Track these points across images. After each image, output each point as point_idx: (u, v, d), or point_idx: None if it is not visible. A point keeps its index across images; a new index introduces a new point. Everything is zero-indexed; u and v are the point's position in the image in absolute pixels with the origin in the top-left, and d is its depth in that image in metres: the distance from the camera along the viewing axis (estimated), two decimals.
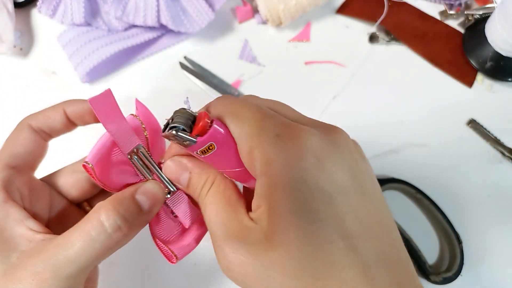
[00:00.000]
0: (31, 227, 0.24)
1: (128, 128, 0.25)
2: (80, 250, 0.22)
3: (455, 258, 0.38)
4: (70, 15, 0.44)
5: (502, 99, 0.44)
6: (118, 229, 0.23)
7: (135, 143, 0.26)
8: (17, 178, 0.26)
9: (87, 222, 0.23)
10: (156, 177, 0.26)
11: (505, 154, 0.42)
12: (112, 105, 0.25)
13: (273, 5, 0.44)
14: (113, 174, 0.25)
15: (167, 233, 0.27)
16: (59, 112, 0.28)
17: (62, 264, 0.22)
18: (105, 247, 0.23)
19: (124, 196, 0.24)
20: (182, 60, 0.46)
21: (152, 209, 0.25)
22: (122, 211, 0.23)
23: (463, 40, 0.46)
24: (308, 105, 0.44)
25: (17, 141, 0.27)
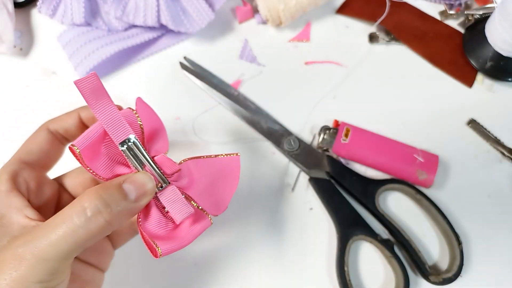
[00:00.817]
0: (28, 215, 0.25)
1: (119, 117, 0.25)
2: (61, 234, 0.22)
3: (454, 259, 0.38)
4: (70, 15, 0.44)
5: (502, 99, 0.44)
6: (99, 213, 0.23)
7: (127, 133, 0.25)
8: (27, 172, 0.27)
9: (71, 206, 0.24)
10: (148, 170, 0.26)
11: (505, 154, 0.42)
12: (100, 90, 0.25)
13: (273, 5, 0.44)
14: (105, 163, 0.26)
15: (155, 228, 0.26)
16: (74, 116, 0.30)
17: (43, 247, 0.22)
18: (86, 232, 0.23)
19: (111, 183, 0.25)
20: (182, 60, 0.46)
21: (139, 199, 0.25)
22: (104, 196, 0.24)
23: (463, 40, 0.46)
24: (308, 105, 0.44)
25: (34, 140, 0.29)
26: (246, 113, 0.43)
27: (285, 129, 0.43)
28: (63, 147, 0.31)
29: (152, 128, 0.28)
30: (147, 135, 0.27)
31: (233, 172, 0.29)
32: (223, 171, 0.29)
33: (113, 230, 0.24)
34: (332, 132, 0.41)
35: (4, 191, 0.26)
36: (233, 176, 0.29)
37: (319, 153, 0.42)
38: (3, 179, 0.26)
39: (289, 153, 0.42)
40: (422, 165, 0.40)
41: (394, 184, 0.40)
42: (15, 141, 0.44)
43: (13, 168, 0.27)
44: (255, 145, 0.43)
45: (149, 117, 0.28)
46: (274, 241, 0.40)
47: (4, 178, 0.26)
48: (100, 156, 0.25)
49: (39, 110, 0.45)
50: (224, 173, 0.29)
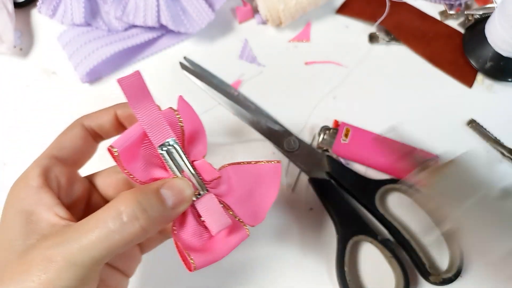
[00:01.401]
0: (58, 213, 0.24)
1: (160, 118, 0.24)
2: (94, 239, 0.21)
3: (455, 259, 0.38)
4: (70, 15, 0.44)
5: (502, 99, 0.44)
6: (135, 219, 0.22)
7: (167, 135, 0.24)
8: (58, 168, 0.26)
9: (106, 209, 0.22)
10: (186, 176, 0.25)
11: (505, 154, 0.42)
12: (142, 89, 0.24)
13: (273, 5, 0.44)
14: (142, 165, 0.24)
15: (190, 238, 0.25)
16: (110, 113, 0.29)
17: (74, 251, 0.21)
18: (121, 237, 0.22)
19: (148, 188, 0.23)
20: (182, 60, 0.46)
21: (176, 206, 0.24)
22: (142, 201, 0.22)
23: (463, 40, 0.46)
24: (308, 105, 0.44)
25: (67, 136, 0.28)
26: (246, 113, 0.43)
27: (285, 129, 0.43)
28: (96, 144, 0.30)
29: (193, 130, 0.27)
30: (187, 137, 0.26)
31: (273, 180, 0.28)
32: (263, 179, 0.28)
33: (147, 237, 0.23)
34: (332, 132, 0.41)
35: (34, 187, 0.25)
36: (273, 184, 0.28)
37: (319, 153, 0.42)
38: (34, 174, 0.25)
39: (289, 153, 0.42)
40: None
41: (394, 184, 0.40)
42: (15, 141, 0.44)
43: (44, 163, 0.26)
44: (255, 145, 0.43)
45: (190, 117, 0.27)
46: (274, 241, 0.40)
47: (35, 173, 0.25)
48: (138, 158, 0.24)
49: (39, 110, 0.45)
50: (263, 181, 0.28)
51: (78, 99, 0.45)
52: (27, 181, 0.25)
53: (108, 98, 0.45)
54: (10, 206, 0.25)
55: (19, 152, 0.43)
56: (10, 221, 0.24)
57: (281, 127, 0.43)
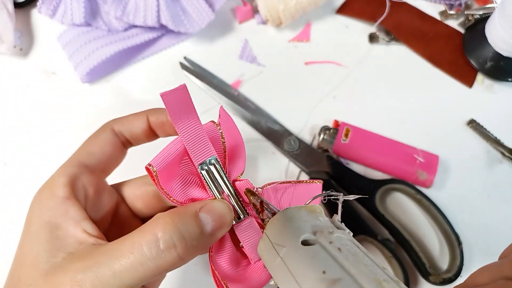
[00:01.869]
0: (86, 229, 0.23)
1: (203, 135, 0.23)
2: (128, 265, 0.20)
3: (455, 259, 0.38)
4: (70, 15, 0.44)
5: (502, 99, 0.44)
6: (173, 247, 0.20)
7: (209, 154, 0.23)
8: (86, 177, 0.25)
9: (141, 233, 0.21)
10: (226, 197, 0.23)
11: (505, 154, 0.42)
12: (187, 104, 0.22)
13: (273, 5, 0.44)
14: (179, 184, 0.23)
15: (227, 265, 0.23)
16: (142, 118, 0.27)
17: (105, 277, 0.20)
18: (156, 266, 0.20)
19: (187, 211, 0.22)
20: (182, 60, 0.46)
21: (215, 232, 0.22)
22: (181, 227, 0.21)
23: (463, 40, 0.46)
24: (308, 105, 0.44)
25: (96, 141, 0.26)
26: (246, 113, 0.43)
27: (285, 129, 0.43)
28: (125, 151, 0.28)
29: (233, 145, 0.25)
30: (228, 153, 0.24)
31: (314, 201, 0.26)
32: (303, 199, 0.26)
33: (183, 265, 0.22)
34: (332, 132, 0.41)
35: (61, 197, 0.23)
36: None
37: (319, 153, 0.42)
38: (60, 183, 0.23)
39: (289, 153, 0.42)
40: (422, 165, 0.40)
41: (394, 184, 0.40)
42: (15, 141, 0.44)
43: (72, 171, 0.24)
44: (255, 145, 0.43)
45: (231, 131, 0.25)
46: None
47: (62, 182, 0.23)
48: (175, 177, 0.23)
49: (39, 110, 0.45)
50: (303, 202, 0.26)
51: (78, 99, 0.45)
52: (52, 190, 0.23)
53: (108, 98, 0.45)
54: (34, 216, 0.23)
55: (19, 152, 0.43)
56: (34, 233, 0.23)
57: (281, 127, 0.43)
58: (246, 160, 0.43)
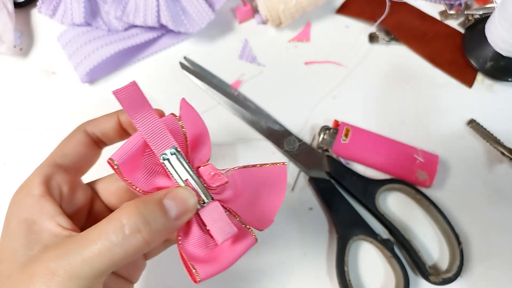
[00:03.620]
0: (60, 223, 0.24)
1: (161, 126, 0.24)
2: (96, 251, 0.21)
3: (454, 259, 0.38)
4: (70, 15, 0.44)
5: (502, 99, 0.44)
6: (137, 231, 0.22)
7: (169, 144, 0.24)
8: (60, 176, 0.26)
9: (108, 221, 0.22)
10: (190, 184, 0.24)
11: (505, 154, 0.42)
12: (140, 99, 0.24)
13: (273, 5, 0.44)
14: (144, 175, 0.24)
15: (195, 248, 0.24)
16: (113, 118, 0.28)
17: (77, 264, 0.21)
18: (123, 251, 0.21)
19: (151, 198, 0.23)
20: (182, 60, 0.46)
21: (179, 217, 0.23)
22: (145, 213, 0.22)
23: (463, 40, 0.46)
24: (308, 105, 0.44)
25: (69, 142, 0.28)
26: (246, 113, 0.43)
27: (285, 129, 0.43)
28: (99, 150, 0.29)
29: (196, 134, 0.26)
30: (191, 142, 0.25)
31: (280, 182, 0.27)
32: (269, 182, 0.27)
33: (150, 249, 0.23)
34: (332, 132, 0.41)
35: (36, 196, 0.25)
36: (280, 187, 0.27)
37: (319, 153, 0.42)
38: (35, 183, 0.25)
39: (289, 153, 0.42)
40: (422, 165, 0.40)
41: (394, 184, 0.40)
42: (15, 141, 0.44)
43: (46, 171, 0.26)
44: (255, 145, 0.43)
45: (193, 121, 0.26)
46: (274, 241, 0.40)
47: (37, 181, 0.25)
48: (140, 168, 0.24)
49: (39, 110, 0.45)
50: (270, 184, 0.27)
51: (78, 99, 0.45)
52: (28, 190, 0.25)
53: (108, 98, 0.45)
54: (12, 215, 0.25)
55: (19, 152, 0.43)
56: (12, 230, 0.24)
57: (281, 127, 0.43)
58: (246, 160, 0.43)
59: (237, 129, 0.44)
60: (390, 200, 0.41)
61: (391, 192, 0.41)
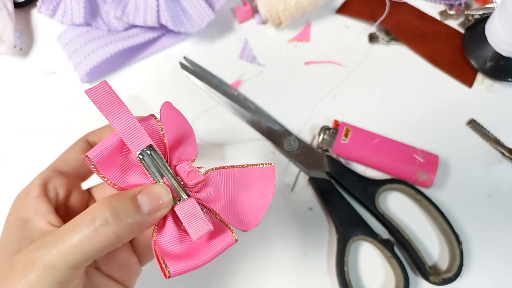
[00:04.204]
0: (50, 221, 0.25)
1: (136, 125, 0.24)
2: (69, 244, 0.22)
3: (454, 259, 0.38)
4: (70, 15, 0.44)
5: (502, 99, 0.44)
6: (106, 223, 0.22)
7: (145, 142, 0.24)
8: (58, 180, 0.28)
9: (82, 215, 0.23)
10: (166, 181, 0.25)
11: (505, 154, 0.42)
12: (113, 98, 0.24)
13: (273, 5, 0.44)
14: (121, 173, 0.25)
15: (168, 244, 0.24)
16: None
17: (52, 255, 0.22)
18: (94, 243, 0.22)
19: (125, 193, 0.24)
20: (182, 60, 0.46)
21: (152, 212, 0.24)
22: (115, 206, 0.23)
23: (463, 40, 0.46)
24: (308, 105, 0.44)
25: (71, 150, 0.29)
26: (246, 113, 0.43)
27: (285, 129, 0.43)
28: None
29: (178, 135, 0.26)
30: (171, 142, 0.26)
31: (267, 184, 0.27)
32: (254, 182, 0.27)
33: (123, 243, 0.24)
34: (332, 132, 0.41)
35: (33, 196, 0.26)
36: (267, 188, 0.27)
37: (319, 153, 0.42)
38: (34, 185, 0.27)
39: (289, 153, 0.42)
40: (422, 165, 0.40)
41: (394, 184, 0.40)
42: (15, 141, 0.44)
43: (46, 175, 0.28)
44: (255, 145, 0.43)
45: (176, 122, 0.27)
46: (274, 241, 0.40)
47: (36, 183, 0.27)
48: (117, 166, 0.24)
49: (39, 110, 0.45)
50: (255, 185, 0.27)
51: (78, 99, 0.45)
52: (28, 191, 0.27)
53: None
54: (11, 214, 0.27)
55: (19, 152, 0.43)
56: (9, 227, 0.26)
57: (281, 127, 0.43)
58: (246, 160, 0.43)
59: (237, 129, 0.44)
60: (390, 200, 0.41)
61: (391, 192, 0.41)
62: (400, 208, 0.41)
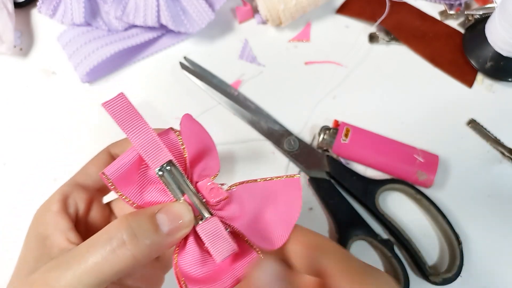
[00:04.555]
0: (70, 239, 0.24)
1: (155, 140, 0.23)
2: (85, 266, 0.21)
3: (454, 259, 0.38)
4: (70, 15, 0.44)
5: (502, 99, 0.44)
6: (123, 244, 0.21)
7: (165, 157, 0.23)
8: (79, 194, 0.27)
9: (99, 233, 0.22)
10: (187, 199, 0.23)
11: (505, 154, 0.42)
12: (131, 111, 0.23)
13: (273, 5, 0.44)
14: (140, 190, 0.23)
15: (190, 266, 0.23)
16: None
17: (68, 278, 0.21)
18: (109, 264, 0.21)
19: (144, 211, 0.22)
20: (182, 60, 0.46)
21: (172, 233, 0.22)
22: (133, 226, 0.21)
23: (463, 40, 0.46)
24: (308, 105, 0.44)
25: (93, 163, 0.28)
26: (246, 113, 0.43)
27: (285, 129, 0.43)
28: None
29: (199, 148, 0.25)
30: (192, 157, 0.24)
31: (293, 197, 0.25)
32: (280, 197, 0.25)
33: (141, 265, 0.22)
34: (332, 132, 0.41)
35: (53, 212, 0.25)
36: (294, 202, 0.25)
37: (319, 153, 0.42)
38: (55, 199, 0.26)
39: (289, 153, 0.42)
40: (422, 165, 0.40)
41: (394, 184, 0.40)
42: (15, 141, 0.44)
43: (66, 190, 0.27)
44: (255, 145, 0.43)
45: (196, 135, 0.25)
46: None
47: (56, 198, 0.26)
48: (135, 182, 0.23)
49: (39, 110, 0.45)
50: (281, 199, 0.25)
51: (78, 99, 0.45)
52: (48, 206, 0.26)
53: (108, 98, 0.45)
54: (31, 230, 0.26)
55: (19, 152, 0.43)
56: (28, 243, 0.25)
57: (281, 127, 0.43)
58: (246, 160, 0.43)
59: (237, 129, 0.44)
60: (390, 200, 0.41)
61: (391, 192, 0.41)
62: (400, 208, 0.41)
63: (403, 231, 0.38)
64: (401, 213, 0.41)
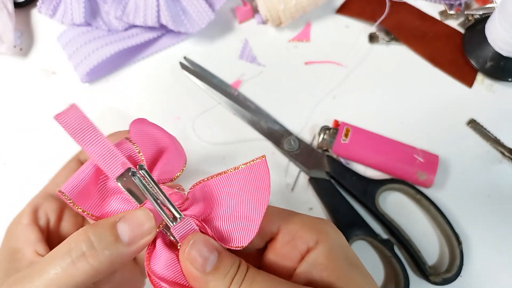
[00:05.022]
0: (38, 251, 0.24)
1: (112, 149, 0.23)
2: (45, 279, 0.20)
3: (454, 259, 0.38)
4: (70, 15, 0.44)
5: (502, 99, 0.44)
6: (82, 256, 0.20)
7: (123, 166, 0.23)
8: (49, 205, 0.27)
9: (59, 246, 0.21)
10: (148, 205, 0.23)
11: (505, 154, 0.42)
12: (85, 122, 0.22)
13: (273, 5, 0.44)
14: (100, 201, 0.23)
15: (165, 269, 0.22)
16: None
17: None
18: (69, 277, 0.20)
19: (104, 222, 0.22)
20: (182, 60, 0.46)
21: (133, 241, 0.21)
22: (92, 237, 0.21)
23: (463, 40, 0.46)
24: (308, 105, 0.44)
25: (62, 172, 0.28)
26: (246, 113, 0.43)
27: (285, 129, 0.43)
28: None
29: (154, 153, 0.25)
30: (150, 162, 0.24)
31: (262, 181, 0.24)
32: (251, 183, 0.24)
33: (103, 276, 0.21)
34: (332, 132, 0.41)
35: (24, 224, 0.25)
36: (263, 186, 0.24)
37: (319, 153, 0.42)
38: (26, 212, 0.26)
39: (289, 153, 0.42)
40: (422, 165, 0.40)
41: (394, 184, 0.40)
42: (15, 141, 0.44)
43: (36, 201, 0.27)
44: (255, 145, 0.43)
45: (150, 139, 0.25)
46: None
47: (27, 211, 0.26)
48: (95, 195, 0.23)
49: (39, 110, 0.45)
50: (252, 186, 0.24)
51: (78, 99, 0.45)
52: (19, 219, 0.26)
53: (108, 98, 0.45)
54: (3, 243, 0.26)
55: (19, 152, 0.43)
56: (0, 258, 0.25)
57: (281, 127, 0.43)
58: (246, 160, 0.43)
59: (237, 129, 0.44)
60: (390, 200, 0.41)
61: (391, 192, 0.41)
62: (400, 208, 0.41)
63: (403, 231, 0.38)
64: (401, 213, 0.41)
